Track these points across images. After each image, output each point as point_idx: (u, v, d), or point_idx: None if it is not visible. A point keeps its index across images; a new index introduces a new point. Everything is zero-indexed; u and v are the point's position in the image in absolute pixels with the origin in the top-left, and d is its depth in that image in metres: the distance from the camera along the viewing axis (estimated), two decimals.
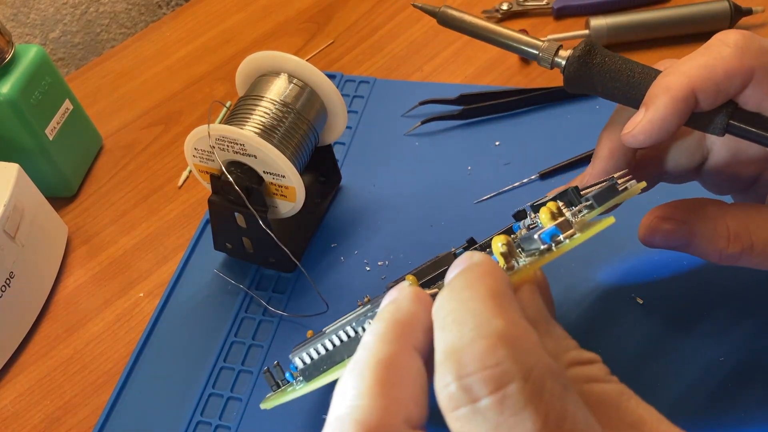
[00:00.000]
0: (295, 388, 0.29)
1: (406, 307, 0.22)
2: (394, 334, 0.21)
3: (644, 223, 0.32)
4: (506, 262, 0.24)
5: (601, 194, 0.26)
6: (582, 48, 0.31)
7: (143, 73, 0.64)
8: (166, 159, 0.56)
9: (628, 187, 0.26)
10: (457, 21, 0.33)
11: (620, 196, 0.26)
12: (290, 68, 0.42)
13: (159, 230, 0.50)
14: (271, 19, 0.66)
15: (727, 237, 0.30)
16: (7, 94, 0.47)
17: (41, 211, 0.47)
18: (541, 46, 0.31)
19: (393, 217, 0.47)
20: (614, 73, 0.30)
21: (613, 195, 0.26)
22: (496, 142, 0.50)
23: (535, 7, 0.60)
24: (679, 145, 0.34)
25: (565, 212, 0.26)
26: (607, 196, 0.26)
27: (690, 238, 0.31)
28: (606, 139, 0.34)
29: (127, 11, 0.76)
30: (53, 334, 0.46)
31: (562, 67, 0.31)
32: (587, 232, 0.24)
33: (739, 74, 0.28)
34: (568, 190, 0.28)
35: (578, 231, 0.24)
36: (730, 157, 0.34)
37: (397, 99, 0.55)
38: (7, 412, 0.42)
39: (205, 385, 0.41)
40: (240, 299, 0.44)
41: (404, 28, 0.62)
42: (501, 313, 0.19)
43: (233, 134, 0.39)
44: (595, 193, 0.26)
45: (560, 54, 0.31)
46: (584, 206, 0.26)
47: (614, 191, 0.26)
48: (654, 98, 0.29)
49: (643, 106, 0.29)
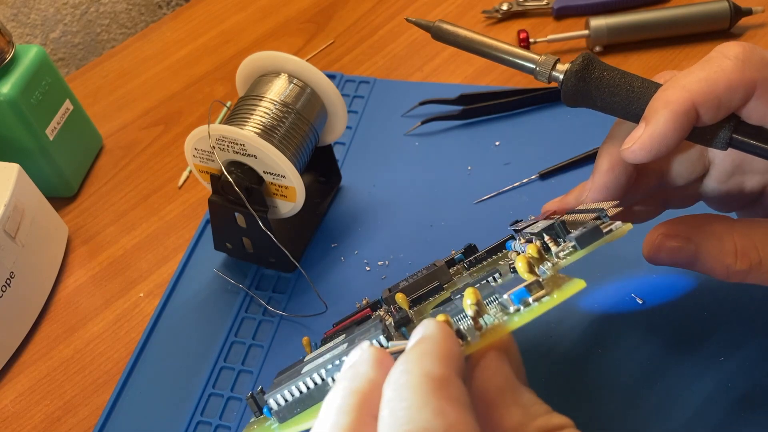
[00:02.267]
0: (272, 428, 0.29)
1: (365, 373, 0.21)
2: (351, 404, 0.21)
3: (648, 240, 0.31)
4: (475, 324, 0.24)
5: (584, 237, 0.25)
6: (580, 62, 0.30)
7: (143, 73, 0.64)
8: (166, 159, 0.56)
9: (613, 229, 0.25)
10: (451, 35, 0.32)
11: (604, 239, 0.25)
12: (290, 68, 0.42)
13: (159, 230, 0.50)
14: (271, 20, 0.66)
15: (735, 253, 0.29)
16: (7, 94, 0.47)
17: (41, 211, 0.47)
18: (538, 60, 0.31)
19: (393, 217, 0.47)
20: (613, 88, 0.30)
21: (597, 238, 0.25)
22: (496, 142, 0.50)
23: (534, 7, 0.60)
24: (680, 157, 0.34)
25: (545, 257, 0.26)
26: (591, 239, 0.25)
27: (696, 256, 0.30)
28: (606, 153, 0.33)
29: (127, 11, 0.76)
30: (53, 334, 0.46)
31: (559, 82, 0.30)
32: (557, 297, 0.23)
33: (741, 87, 0.27)
34: (555, 224, 0.27)
35: (548, 292, 0.23)
36: (732, 169, 0.33)
37: (397, 99, 0.55)
38: (8, 411, 0.42)
39: (206, 384, 0.41)
40: (240, 299, 0.44)
41: (404, 28, 0.62)
42: (434, 405, 0.19)
43: (233, 134, 0.39)
44: (578, 235, 0.25)
45: (557, 68, 0.30)
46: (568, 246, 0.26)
47: (598, 233, 0.25)
48: (654, 113, 0.28)
49: (643, 121, 0.28)
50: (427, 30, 0.33)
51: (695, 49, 0.55)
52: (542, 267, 0.26)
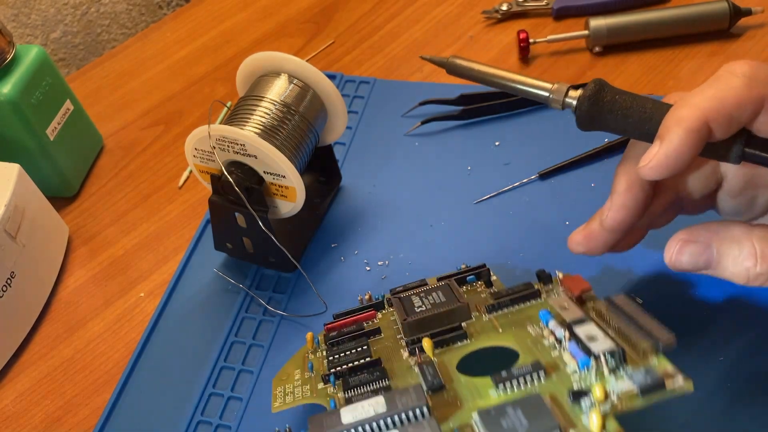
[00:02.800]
0: None
1: None
2: None
3: (670, 246, 0.32)
4: None
5: (648, 388, 0.26)
6: (592, 88, 0.31)
7: (144, 73, 0.64)
8: (167, 159, 0.56)
9: (675, 388, 0.26)
10: (465, 70, 0.34)
11: (664, 394, 0.26)
12: (290, 68, 0.42)
13: (159, 230, 0.51)
14: (272, 20, 0.66)
15: (754, 255, 0.29)
16: (8, 94, 0.47)
17: (42, 211, 0.47)
18: (551, 89, 0.32)
19: (393, 217, 0.47)
20: (626, 110, 0.30)
21: (658, 390, 0.26)
22: (496, 143, 0.50)
23: (534, 7, 0.60)
24: (695, 174, 0.34)
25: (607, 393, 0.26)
26: (653, 391, 0.26)
27: (717, 260, 0.30)
28: (622, 173, 0.34)
29: (127, 12, 0.76)
30: (54, 334, 0.46)
31: (573, 108, 0.31)
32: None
33: (750, 103, 0.28)
34: (617, 351, 0.27)
35: None
36: (745, 183, 0.34)
37: (397, 99, 0.55)
38: (8, 411, 0.42)
39: (206, 384, 0.41)
40: (240, 299, 0.44)
41: (404, 28, 0.62)
42: None
43: (234, 134, 0.39)
44: (642, 384, 0.26)
45: (570, 94, 0.31)
46: (631, 389, 0.26)
47: (661, 388, 0.26)
48: (668, 131, 0.29)
49: (658, 139, 0.29)
50: (442, 66, 0.34)
51: (695, 49, 0.55)
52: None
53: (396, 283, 0.39)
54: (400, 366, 0.32)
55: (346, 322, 0.37)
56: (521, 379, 0.28)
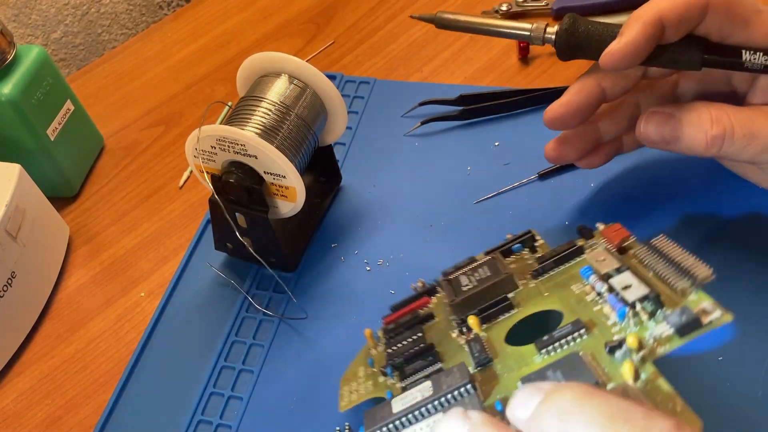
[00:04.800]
0: None
1: None
2: None
3: (640, 119, 0.37)
4: None
5: (684, 326, 0.26)
6: (567, 21, 0.36)
7: (144, 73, 0.64)
8: (167, 159, 0.56)
9: (713, 322, 0.26)
10: (452, 22, 0.38)
11: (702, 330, 0.26)
12: (291, 69, 0.42)
13: (160, 230, 0.51)
14: (272, 20, 0.66)
15: (711, 120, 0.34)
16: (8, 94, 0.47)
17: (43, 211, 0.48)
18: (531, 28, 0.37)
19: (393, 217, 0.47)
20: (599, 36, 0.35)
21: (696, 328, 0.26)
22: (496, 143, 0.50)
23: (534, 7, 0.60)
24: (650, 95, 0.40)
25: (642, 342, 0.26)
26: (690, 330, 0.26)
27: (680, 128, 0.35)
28: (579, 80, 0.38)
29: (128, 12, 0.76)
30: (55, 333, 0.46)
31: (552, 42, 0.36)
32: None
33: (697, 7, 0.33)
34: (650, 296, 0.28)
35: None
36: (699, 100, 0.37)
37: (397, 99, 0.55)
38: (9, 411, 0.42)
39: (206, 384, 0.41)
40: (241, 299, 0.45)
41: (404, 28, 0.62)
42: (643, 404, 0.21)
43: (234, 135, 0.39)
44: (677, 323, 0.26)
45: (549, 30, 0.36)
46: (667, 331, 0.26)
47: (697, 325, 0.26)
48: (627, 27, 0.34)
49: (619, 36, 0.34)
50: (431, 21, 0.39)
51: None
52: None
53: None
54: (451, 347, 0.33)
55: (402, 312, 0.37)
56: (562, 341, 0.28)
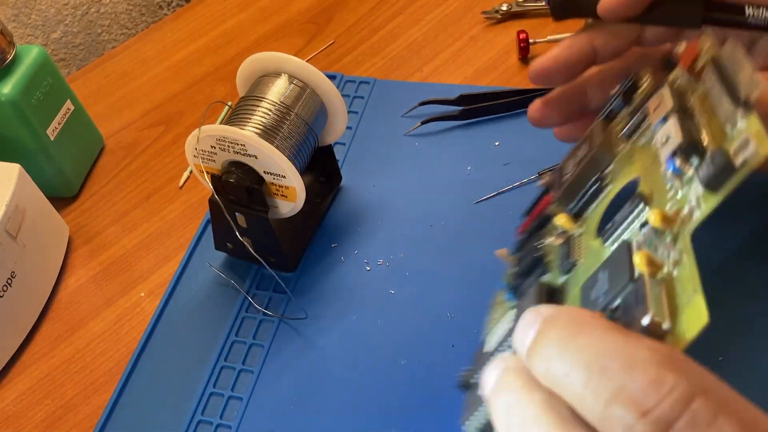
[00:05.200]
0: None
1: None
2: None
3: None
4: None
5: (715, 178, 0.21)
6: None
7: (144, 73, 0.64)
8: (167, 159, 0.56)
9: (747, 160, 0.20)
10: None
11: (741, 174, 0.20)
12: (291, 69, 0.42)
13: (160, 230, 0.51)
14: (272, 20, 0.66)
15: None
16: (8, 94, 0.47)
17: (42, 211, 0.48)
18: None
19: (393, 217, 0.47)
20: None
21: (731, 175, 0.20)
22: (496, 143, 0.50)
23: (534, 7, 0.60)
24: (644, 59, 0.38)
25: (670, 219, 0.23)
26: (724, 179, 0.21)
27: None
28: (570, 37, 0.38)
29: (128, 12, 0.76)
30: (54, 333, 0.46)
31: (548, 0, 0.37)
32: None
33: None
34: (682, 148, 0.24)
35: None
36: None
37: (397, 99, 0.55)
38: (9, 411, 0.42)
39: (206, 384, 0.41)
40: (240, 299, 0.45)
41: (404, 28, 0.62)
42: (631, 343, 0.19)
43: (234, 135, 0.39)
44: (706, 175, 0.21)
45: None
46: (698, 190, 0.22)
47: (731, 170, 0.20)
48: None
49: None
50: None
51: None
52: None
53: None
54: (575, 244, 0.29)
55: (530, 219, 0.35)
56: (621, 228, 0.26)
